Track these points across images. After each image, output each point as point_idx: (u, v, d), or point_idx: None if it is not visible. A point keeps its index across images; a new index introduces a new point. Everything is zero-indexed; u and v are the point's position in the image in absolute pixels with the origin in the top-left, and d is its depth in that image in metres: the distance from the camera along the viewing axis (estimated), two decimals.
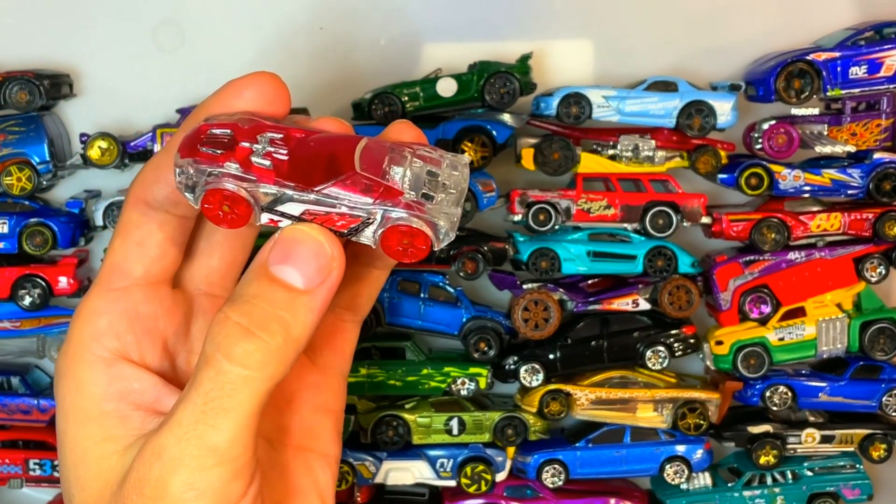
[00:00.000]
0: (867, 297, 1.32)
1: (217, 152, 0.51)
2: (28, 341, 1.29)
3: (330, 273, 0.51)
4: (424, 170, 0.52)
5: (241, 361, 0.49)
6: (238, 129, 0.52)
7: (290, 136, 0.52)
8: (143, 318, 0.56)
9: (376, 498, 1.34)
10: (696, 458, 1.33)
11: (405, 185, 0.51)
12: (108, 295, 0.56)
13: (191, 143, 0.52)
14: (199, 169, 0.51)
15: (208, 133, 0.52)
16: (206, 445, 0.48)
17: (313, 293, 0.50)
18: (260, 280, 0.51)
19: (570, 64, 1.31)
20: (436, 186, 0.52)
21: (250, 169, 0.51)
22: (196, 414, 0.49)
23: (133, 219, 0.56)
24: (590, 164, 1.28)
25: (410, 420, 1.29)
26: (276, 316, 0.50)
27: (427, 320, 1.29)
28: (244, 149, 0.51)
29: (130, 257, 0.56)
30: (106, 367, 0.54)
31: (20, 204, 1.25)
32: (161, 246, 0.56)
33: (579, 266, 1.28)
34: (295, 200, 0.51)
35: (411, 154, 0.52)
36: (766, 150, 1.26)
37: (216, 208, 0.51)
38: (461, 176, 0.53)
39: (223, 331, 0.50)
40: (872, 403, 1.32)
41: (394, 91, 1.24)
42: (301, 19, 1.29)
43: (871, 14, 1.29)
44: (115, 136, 1.25)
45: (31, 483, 1.30)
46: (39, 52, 1.28)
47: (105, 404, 0.53)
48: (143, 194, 0.56)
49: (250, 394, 0.49)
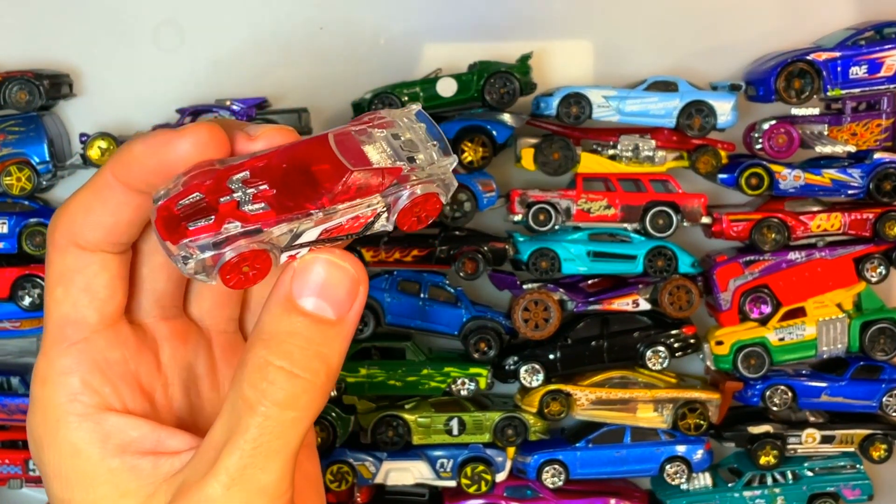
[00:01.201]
0: (867, 298, 1.32)
1: (209, 220, 0.47)
2: (28, 341, 1.29)
3: (357, 295, 0.50)
4: (389, 135, 0.50)
5: (290, 405, 0.48)
6: (201, 187, 0.47)
7: (255, 168, 0.48)
8: (113, 364, 0.53)
9: (376, 498, 1.34)
10: (696, 458, 1.33)
11: (394, 159, 0.49)
12: (70, 351, 0.52)
13: (172, 226, 0.47)
14: (202, 245, 0.47)
15: (178, 207, 0.47)
16: (256, 489, 0.48)
17: (345, 321, 0.50)
18: (291, 316, 0.49)
19: (570, 64, 1.31)
20: (409, 146, 0.50)
21: (249, 220, 0.47)
22: (244, 460, 0.48)
23: (69, 265, 0.52)
24: (590, 164, 1.28)
25: (410, 420, 1.29)
26: (316, 353, 0.49)
27: (427, 320, 1.29)
28: (228, 203, 0.47)
29: (80, 305, 0.52)
30: (95, 424, 0.51)
31: (20, 204, 1.25)
32: (109, 286, 0.52)
33: (579, 266, 1.28)
34: (310, 227, 0.48)
35: (369, 126, 0.50)
36: (767, 150, 1.26)
37: (237, 273, 0.48)
38: (415, 124, 0.51)
39: (267, 377, 0.48)
40: (873, 404, 1.32)
41: (394, 91, 1.24)
42: (301, 19, 1.29)
43: (872, 14, 1.29)
44: (114, 135, 1.24)
45: (30, 483, 1.30)
46: (39, 52, 1.27)
47: (110, 462, 0.51)
48: (73, 238, 0.51)
49: (298, 433, 0.49)
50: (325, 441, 1.26)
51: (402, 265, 1.28)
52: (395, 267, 1.28)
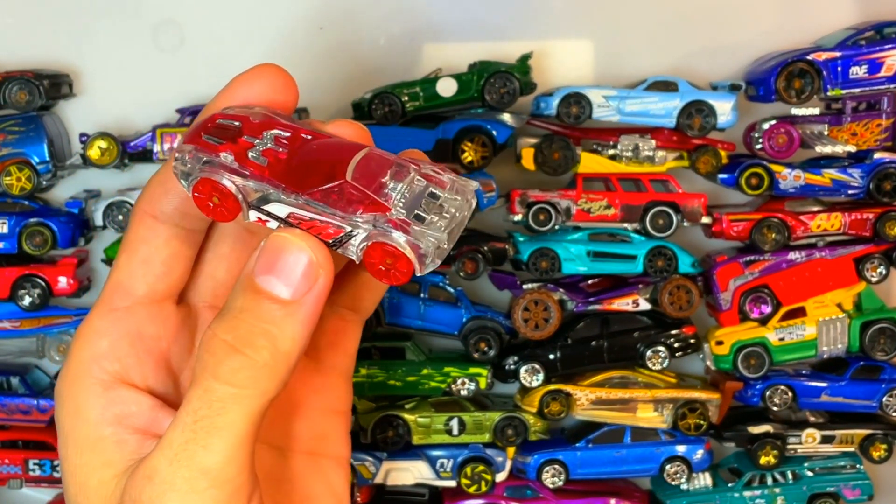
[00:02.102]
0: (867, 297, 1.32)
1: (217, 142, 0.50)
2: (28, 341, 1.29)
3: (316, 281, 0.48)
4: (427, 189, 0.49)
5: (228, 380, 0.47)
6: (247, 122, 0.50)
7: (297, 137, 0.50)
8: (146, 339, 0.55)
9: (376, 498, 1.34)
10: (696, 458, 1.33)
11: (398, 201, 0.48)
12: (110, 315, 0.54)
13: (196, 131, 0.50)
14: (196, 157, 0.50)
15: (216, 123, 0.50)
16: (198, 467, 0.47)
17: (300, 304, 0.48)
18: (246, 292, 0.49)
19: (570, 64, 1.31)
20: (431, 208, 0.48)
21: (245, 163, 0.49)
22: (186, 434, 0.47)
23: (140, 235, 0.54)
24: (590, 164, 1.28)
25: (410, 420, 1.29)
26: (262, 330, 0.48)
27: (427, 320, 1.29)
28: (245, 143, 0.49)
29: (135, 275, 0.54)
30: (104, 390, 0.53)
31: (20, 204, 1.25)
32: (167, 263, 0.54)
33: (579, 266, 1.28)
34: (282, 202, 0.49)
35: (416, 171, 0.49)
36: (767, 149, 1.26)
37: (206, 199, 0.50)
38: (464, 202, 0.50)
39: (210, 348, 0.48)
40: (873, 404, 1.32)
41: (394, 91, 1.24)
42: (301, 19, 1.29)
43: (872, 14, 1.29)
44: (114, 136, 1.25)
45: (30, 483, 1.30)
46: (39, 52, 1.27)
47: (102, 429, 0.52)
48: (150, 209, 0.54)
49: (241, 412, 0.48)
50: None
51: None
52: None
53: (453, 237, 0.49)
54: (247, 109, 0.52)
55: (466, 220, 0.50)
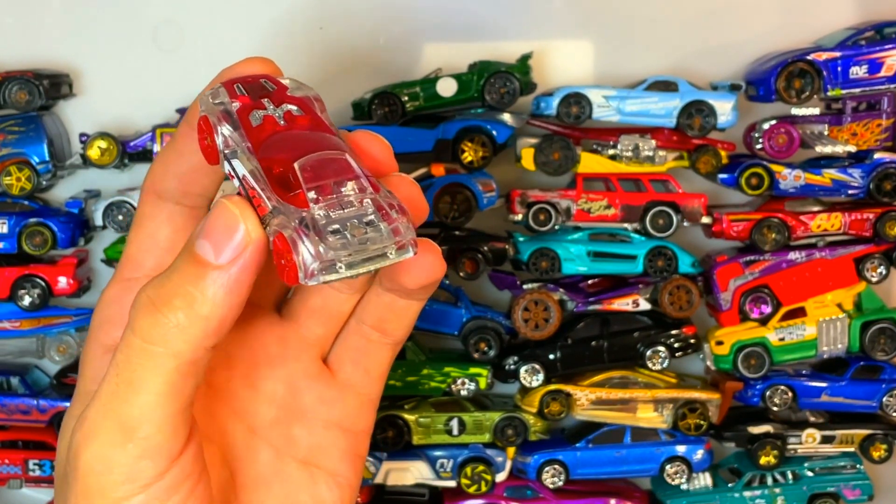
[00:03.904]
0: (868, 298, 1.31)
1: (240, 92, 0.52)
2: (27, 341, 1.29)
3: (245, 249, 0.47)
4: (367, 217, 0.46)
5: (142, 335, 0.48)
6: (279, 92, 0.52)
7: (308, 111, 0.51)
8: None
9: (376, 498, 1.34)
10: (696, 458, 1.33)
11: (329, 209, 0.46)
12: (121, 284, 0.57)
13: (236, 81, 0.53)
14: (215, 95, 0.52)
15: (258, 81, 0.53)
16: (119, 420, 0.48)
17: (223, 269, 0.47)
18: (182, 254, 0.49)
19: (570, 64, 1.31)
20: (356, 231, 0.46)
21: (244, 117, 0.50)
22: (111, 387, 0.49)
23: (146, 211, 0.57)
24: (590, 164, 1.28)
25: (410, 420, 1.29)
26: (183, 291, 0.48)
27: (427, 320, 1.29)
28: (258, 104, 0.51)
29: (143, 248, 0.57)
30: (104, 352, 0.55)
31: (20, 204, 1.25)
32: (170, 238, 0.56)
33: (579, 266, 1.28)
34: (242, 162, 0.49)
35: (372, 199, 0.47)
36: (767, 149, 1.26)
37: (203, 136, 0.52)
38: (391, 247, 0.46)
39: (135, 304, 0.49)
40: (873, 404, 1.32)
41: (394, 91, 1.24)
42: (301, 19, 1.29)
43: (872, 14, 1.29)
44: (114, 135, 1.25)
45: (30, 483, 1.30)
46: (39, 52, 1.27)
47: (93, 385, 0.53)
48: (153, 186, 0.56)
49: (156, 370, 0.48)
50: None
51: None
52: None
53: (353, 267, 0.46)
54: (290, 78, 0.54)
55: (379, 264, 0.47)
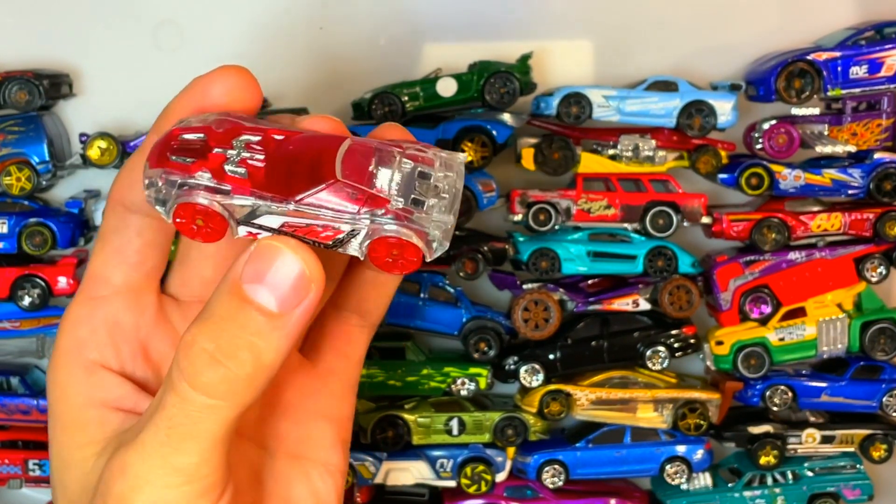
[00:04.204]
0: (868, 298, 1.31)
1: (188, 161, 0.47)
2: (27, 341, 1.28)
3: (307, 295, 0.47)
4: (416, 171, 0.47)
5: (207, 391, 0.47)
6: (212, 132, 0.47)
7: (269, 139, 0.47)
8: (123, 328, 0.55)
9: (376, 498, 1.34)
10: (696, 458, 1.33)
11: (393, 190, 0.46)
12: (88, 304, 0.55)
13: (160, 152, 0.47)
14: (169, 181, 0.47)
15: (180, 139, 0.47)
16: (172, 466, 0.47)
17: (287, 317, 0.47)
18: (231, 299, 0.47)
19: (570, 64, 1.31)
20: (427, 189, 0.46)
21: (224, 179, 0.46)
22: (160, 437, 0.47)
23: (112, 224, 0.54)
24: (590, 164, 1.28)
25: (410, 420, 1.29)
26: (247, 342, 0.47)
27: (427, 320, 1.29)
28: (217, 156, 0.47)
29: (110, 264, 0.54)
30: (87, 375, 0.53)
31: (20, 204, 1.25)
32: (140, 252, 0.54)
33: (579, 266, 1.28)
34: (273, 213, 0.46)
35: (400, 154, 0.47)
36: (767, 149, 1.26)
37: (189, 222, 0.47)
38: (456, 176, 0.48)
39: (189, 356, 0.47)
40: (873, 404, 1.32)
41: (394, 91, 1.24)
42: (301, 19, 1.29)
43: (872, 14, 1.29)
44: (114, 135, 1.25)
45: (30, 483, 1.30)
46: (39, 52, 1.27)
47: (87, 411, 0.53)
48: (120, 198, 0.54)
49: (217, 421, 0.47)
50: None
51: None
52: None
53: (455, 214, 0.47)
54: (206, 118, 0.49)
55: (461, 192, 0.48)
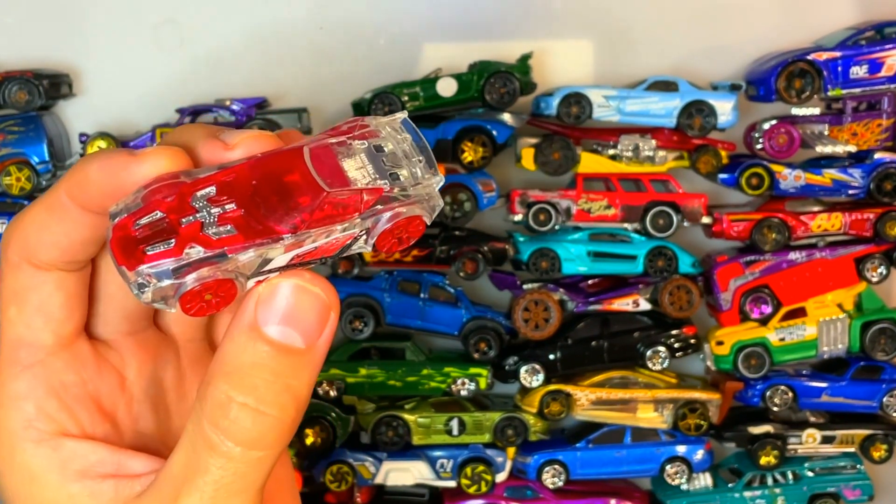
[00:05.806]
0: (868, 298, 1.31)
1: (168, 244, 0.42)
2: None
3: (328, 321, 0.45)
4: (372, 147, 0.44)
5: (257, 445, 0.45)
6: (162, 205, 0.42)
7: (222, 184, 0.43)
8: (70, 388, 0.51)
9: (376, 498, 1.33)
10: (696, 458, 1.32)
11: (372, 175, 0.43)
12: (24, 375, 0.50)
13: (128, 249, 0.43)
14: (160, 273, 0.42)
15: (136, 227, 0.43)
16: None
17: (315, 349, 0.46)
18: (256, 346, 0.45)
19: (570, 64, 1.31)
20: (396, 159, 0.44)
21: (213, 244, 0.42)
22: (204, 500, 0.45)
23: (24, 283, 0.49)
24: (590, 164, 1.28)
25: (410, 420, 1.29)
26: (285, 387, 0.45)
27: (427, 320, 1.29)
28: (191, 225, 0.42)
29: (34, 327, 0.49)
30: (52, 451, 0.49)
31: (20, 204, 1.25)
32: (65, 306, 0.49)
33: (580, 266, 1.28)
34: (280, 253, 0.44)
35: (350, 139, 0.44)
36: (767, 149, 1.26)
37: (198, 302, 0.44)
38: (405, 135, 0.45)
39: (229, 414, 0.45)
40: (873, 404, 1.31)
41: (394, 91, 1.24)
42: (301, 19, 1.29)
43: (872, 14, 1.29)
44: (114, 135, 1.25)
45: None
46: (39, 51, 1.27)
47: (70, 487, 0.49)
48: (27, 256, 0.48)
49: (263, 471, 0.46)
50: (324, 441, 1.26)
51: (402, 265, 1.28)
52: (395, 267, 1.28)
53: (435, 167, 0.45)
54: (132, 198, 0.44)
55: (426, 144, 0.45)
